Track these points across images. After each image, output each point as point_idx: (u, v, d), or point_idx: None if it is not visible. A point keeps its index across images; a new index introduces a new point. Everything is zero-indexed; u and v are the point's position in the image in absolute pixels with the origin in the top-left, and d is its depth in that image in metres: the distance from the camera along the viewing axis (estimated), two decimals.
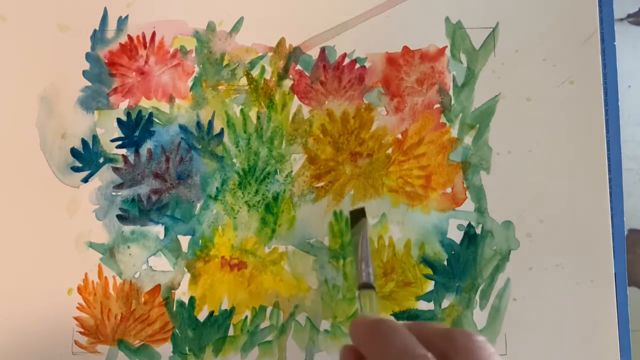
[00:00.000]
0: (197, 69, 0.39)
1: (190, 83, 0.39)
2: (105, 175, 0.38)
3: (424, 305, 0.37)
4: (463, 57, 0.39)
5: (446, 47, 0.39)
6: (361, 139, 0.38)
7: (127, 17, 0.39)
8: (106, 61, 0.39)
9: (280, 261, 0.38)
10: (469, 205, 0.38)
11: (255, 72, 0.39)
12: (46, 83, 0.39)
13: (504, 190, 0.38)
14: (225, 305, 0.37)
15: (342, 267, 0.37)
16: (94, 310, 0.37)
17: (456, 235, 0.38)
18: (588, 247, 0.37)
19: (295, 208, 0.38)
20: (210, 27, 0.39)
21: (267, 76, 0.39)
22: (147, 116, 0.38)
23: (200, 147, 0.38)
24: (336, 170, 0.38)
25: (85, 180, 0.38)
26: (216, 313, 0.37)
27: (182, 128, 0.38)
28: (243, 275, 0.38)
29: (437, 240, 0.38)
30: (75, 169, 0.38)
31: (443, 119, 0.38)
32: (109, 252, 0.38)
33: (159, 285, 0.37)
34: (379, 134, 0.38)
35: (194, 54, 0.39)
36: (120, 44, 0.39)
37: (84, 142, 0.38)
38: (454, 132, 0.38)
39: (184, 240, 0.38)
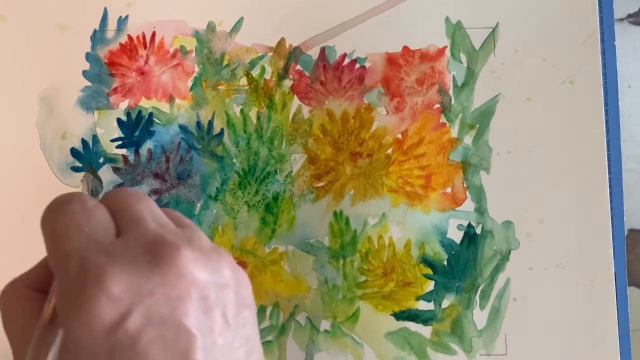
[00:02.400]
0: (197, 69, 0.39)
1: (190, 83, 0.39)
2: (105, 175, 0.38)
3: (424, 305, 0.37)
4: (463, 57, 0.39)
5: (446, 47, 0.39)
6: (361, 139, 0.38)
7: (127, 17, 0.39)
8: (106, 61, 0.39)
9: (280, 261, 0.38)
10: (469, 205, 0.38)
11: (255, 72, 0.39)
12: (46, 83, 0.39)
13: (504, 190, 0.38)
14: None
15: (342, 267, 0.37)
16: None
17: (456, 235, 0.38)
18: (588, 247, 0.37)
19: (295, 208, 0.38)
20: (210, 27, 0.39)
21: (267, 76, 0.39)
22: (147, 116, 0.38)
23: (200, 147, 0.38)
24: (336, 170, 0.38)
25: None
26: None
27: (182, 128, 0.38)
28: None
29: (437, 240, 0.38)
30: (75, 169, 0.38)
31: (443, 119, 0.38)
32: None
33: None
34: (379, 134, 0.38)
35: (194, 54, 0.39)
36: (120, 44, 0.39)
37: (84, 142, 0.38)
38: (454, 132, 0.38)
39: None
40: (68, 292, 0.19)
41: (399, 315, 0.37)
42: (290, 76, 0.39)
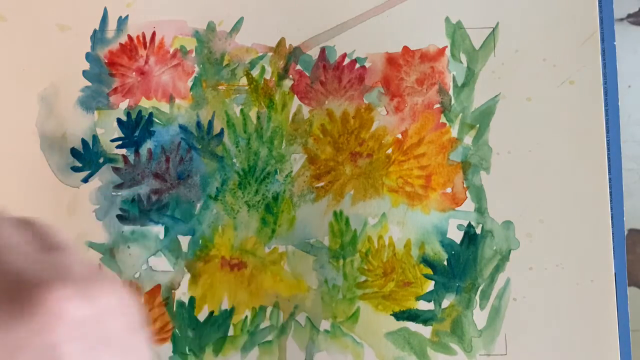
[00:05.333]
0: (197, 69, 0.39)
1: (190, 83, 0.39)
2: (105, 175, 0.38)
3: (424, 305, 0.37)
4: (463, 57, 0.39)
5: (446, 47, 0.39)
6: (361, 139, 0.38)
7: (127, 17, 0.39)
8: (106, 61, 0.39)
9: (280, 261, 0.38)
10: (469, 205, 0.38)
11: (255, 72, 0.39)
12: (46, 83, 0.39)
13: (504, 190, 0.38)
14: (226, 305, 0.37)
15: (342, 267, 0.37)
16: None
17: (456, 235, 0.38)
18: (588, 247, 0.37)
19: (295, 208, 0.38)
20: (210, 27, 0.39)
21: (267, 76, 0.39)
22: (147, 116, 0.38)
23: (200, 147, 0.38)
24: (336, 170, 0.38)
25: (85, 180, 0.38)
26: (216, 313, 0.37)
27: (182, 128, 0.38)
28: (243, 275, 0.38)
29: (437, 240, 0.38)
30: (75, 169, 0.38)
31: (443, 119, 0.38)
32: (109, 252, 0.38)
33: (159, 285, 0.38)
34: (379, 134, 0.38)
35: (194, 54, 0.39)
36: (120, 44, 0.39)
37: (84, 142, 0.38)
38: (454, 132, 0.38)
39: (184, 240, 0.38)
40: None
41: (399, 315, 0.37)
42: (290, 76, 0.39)
